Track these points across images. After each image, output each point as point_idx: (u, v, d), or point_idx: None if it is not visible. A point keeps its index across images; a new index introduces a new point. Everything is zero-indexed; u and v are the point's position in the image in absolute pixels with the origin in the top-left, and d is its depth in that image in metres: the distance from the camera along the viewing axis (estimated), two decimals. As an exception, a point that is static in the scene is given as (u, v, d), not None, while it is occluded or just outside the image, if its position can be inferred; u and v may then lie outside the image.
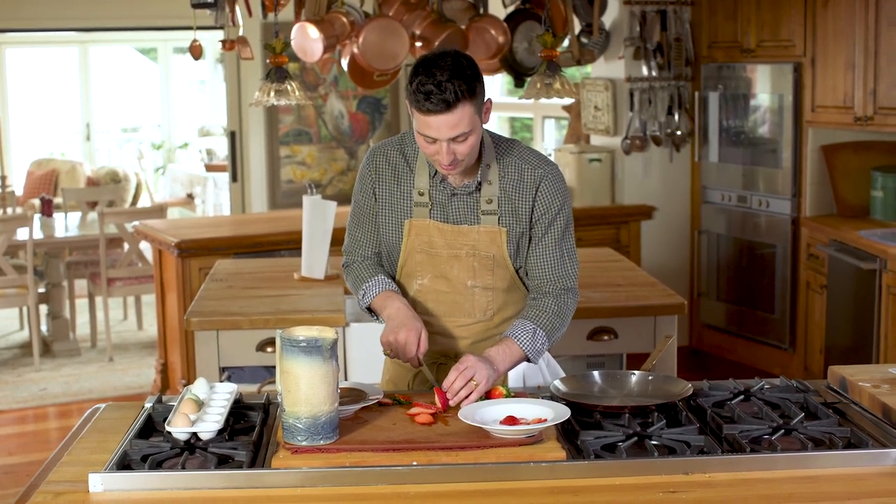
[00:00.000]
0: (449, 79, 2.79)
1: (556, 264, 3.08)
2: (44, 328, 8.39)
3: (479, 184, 3.02)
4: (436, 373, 3.14)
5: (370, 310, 3.16)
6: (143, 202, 12.80)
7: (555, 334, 3.06)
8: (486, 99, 2.92)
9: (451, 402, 2.76)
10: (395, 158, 3.10)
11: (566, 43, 6.50)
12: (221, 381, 4.12)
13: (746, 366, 6.79)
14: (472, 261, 3.05)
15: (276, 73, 5.13)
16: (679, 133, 7.12)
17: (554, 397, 2.82)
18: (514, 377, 3.16)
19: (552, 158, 7.54)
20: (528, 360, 3.02)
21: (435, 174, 3.04)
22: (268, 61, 5.22)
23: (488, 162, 3.03)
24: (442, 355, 3.14)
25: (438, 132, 2.83)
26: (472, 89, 2.82)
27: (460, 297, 3.09)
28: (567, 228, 3.09)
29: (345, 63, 5.97)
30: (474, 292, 3.09)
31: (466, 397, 2.77)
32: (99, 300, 8.24)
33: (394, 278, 3.16)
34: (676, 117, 7.10)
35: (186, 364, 6.20)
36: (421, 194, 3.05)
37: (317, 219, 4.92)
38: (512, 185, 3.04)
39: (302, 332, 2.56)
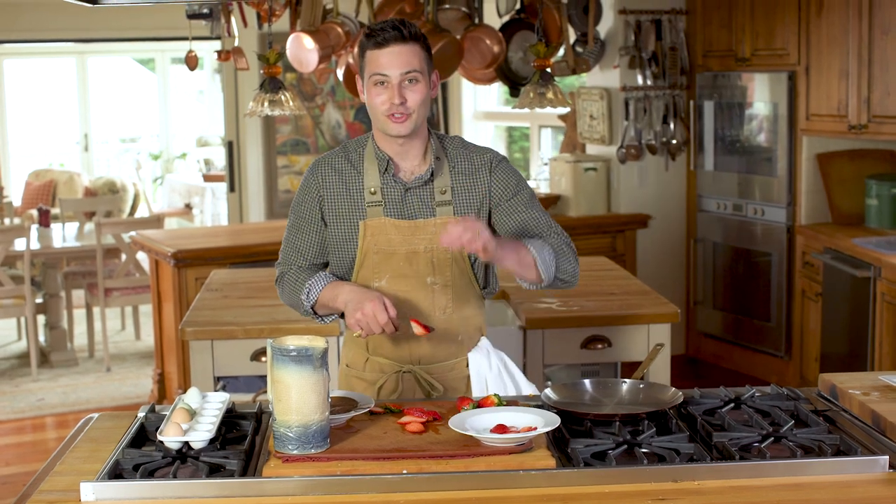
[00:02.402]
0: (402, 23, 2.96)
1: (541, 219, 3.10)
2: (41, 338, 8.40)
3: (432, 174, 3.06)
4: (400, 382, 3.15)
5: (315, 312, 3.16)
6: (142, 212, 12.82)
7: (560, 258, 3.03)
8: (434, 70, 3.04)
9: (450, 244, 2.77)
10: (341, 165, 3.12)
11: (561, 52, 6.51)
12: (216, 391, 4.14)
13: (742, 374, 6.80)
14: (431, 256, 3.07)
15: (270, 84, 5.15)
16: (674, 142, 7.13)
17: (545, 405, 2.83)
18: (477, 383, 3.18)
19: (548, 168, 7.59)
20: (538, 275, 2.97)
21: (386, 169, 3.06)
22: (262, 72, 5.23)
23: (437, 155, 3.09)
24: (406, 363, 3.16)
25: (391, 65, 2.92)
26: (423, 38, 2.98)
27: (420, 295, 3.09)
28: (533, 199, 3.12)
29: (340, 73, 5.99)
30: (434, 289, 3.09)
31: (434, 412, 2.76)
32: (96, 310, 8.25)
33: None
34: (672, 126, 7.12)
35: (183, 374, 6.21)
36: (373, 193, 3.07)
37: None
38: (464, 173, 3.09)
39: (292, 342, 2.57)
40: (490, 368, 3.19)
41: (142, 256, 7.77)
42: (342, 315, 3.12)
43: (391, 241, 3.07)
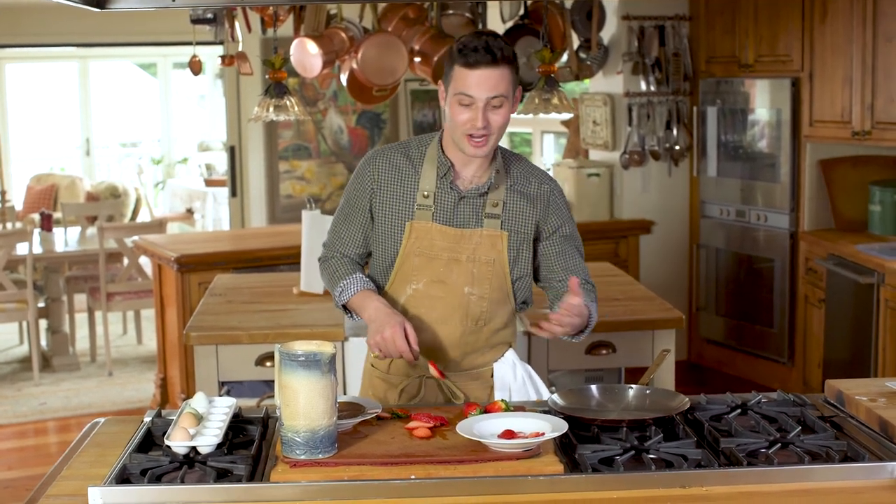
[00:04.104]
0: (496, 40, 2.93)
1: (580, 265, 3.18)
2: (43, 343, 8.39)
3: (489, 186, 3.06)
4: (422, 387, 3.15)
5: (345, 307, 3.19)
6: (143, 217, 12.81)
7: (595, 315, 3.12)
8: (518, 87, 3.02)
9: (554, 329, 2.90)
10: (399, 161, 3.11)
11: (565, 58, 6.52)
12: (221, 396, 4.14)
13: (745, 380, 6.79)
14: (472, 266, 3.07)
15: (276, 89, 5.14)
16: (677, 148, 7.13)
17: (552, 411, 2.83)
18: (501, 388, 3.18)
19: (551, 173, 7.59)
20: (582, 331, 3.06)
21: (445, 174, 3.05)
22: (267, 77, 5.24)
23: (498, 169, 3.08)
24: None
25: (479, 88, 2.89)
26: (514, 58, 2.96)
27: (455, 303, 3.10)
28: (576, 235, 3.22)
29: (344, 78, 5.99)
30: (470, 300, 3.10)
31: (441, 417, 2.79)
32: (98, 315, 8.25)
33: (375, 281, 3.19)
34: (675, 132, 7.12)
35: (186, 378, 6.21)
36: (426, 196, 3.07)
37: (316, 233, 4.93)
38: (520, 194, 3.09)
39: (300, 347, 2.57)
40: (514, 379, 3.20)
41: (144, 261, 7.77)
42: None
43: (434, 246, 3.07)
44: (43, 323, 8.37)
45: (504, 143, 9.76)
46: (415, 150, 3.12)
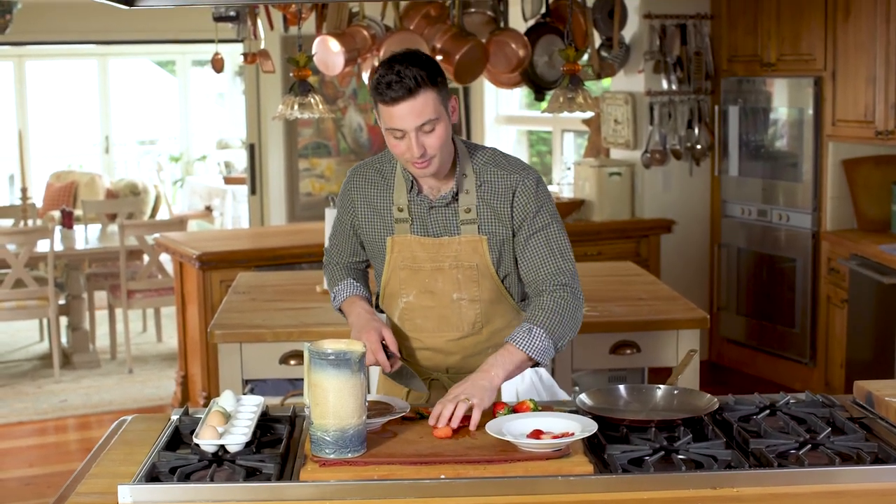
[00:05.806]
0: (407, 67, 2.83)
1: (547, 262, 3.01)
2: (64, 340, 8.42)
3: (456, 193, 3.03)
4: (429, 387, 3.15)
5: (342, 311, 3.25)
6: (162, 214, 12.83)
7: (556, 330, 2.92)
8: (450, 96, 2.94)
9: (453, 424, 2.70)
10: (374, 177, 3.12)
11: (586, 57, 6.50)
12: (245, 394, 4.14)
13: (766, 380, 6.78)
14: (456, 272, 3.05)
15: (300, 87, 5.14)
16: (699, 147, 7.12)
17: (580, 411, 2.82)
18: (508, 392, 3.16)
19: (571, 172, 7.58)
20: (536, 364, 2.93)
21: (412, 187, 3.05)
22: (291, 74, 5.24)
23: (464, 171, 3.04)
24: (433, 370, 3.16)
25: (404, 121, 2.84)
26: (432, 77, 2.85)
27: (447, 311, 3.09)
28: (550, 227, 3.03)
29: (366, 77, 6.00)
30: (461, 305, 3.08)
31: (467, 418, 2.73)
32: (119, 312, 8.27)
33: (376, 294, 3.22)
34: (696, 131, 7.10)
35: (207, 376, 6.22)
36: (400, 210, 3.07)
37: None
38: (489, 193, 3.04)
39: (330, 345, 2.57)
40: (522, 380, 3.18)
41: (164, 258, 7.79)
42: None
43: (417, 257, 3.07)
44: (63, 320, 8.40)
45: (523, 142, 9.76)
46: (386, 164, 3.12)
